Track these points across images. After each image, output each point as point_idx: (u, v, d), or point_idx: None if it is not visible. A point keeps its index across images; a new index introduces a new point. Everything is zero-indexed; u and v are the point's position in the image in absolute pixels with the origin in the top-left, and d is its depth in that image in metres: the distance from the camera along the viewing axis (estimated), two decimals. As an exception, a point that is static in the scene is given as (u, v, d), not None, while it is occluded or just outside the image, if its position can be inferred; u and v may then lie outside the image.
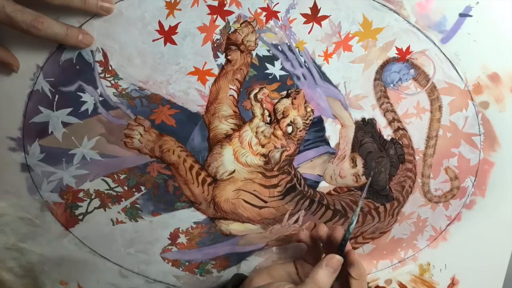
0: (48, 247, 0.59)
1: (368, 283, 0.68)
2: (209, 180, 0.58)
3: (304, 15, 0.53)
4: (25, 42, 0.49)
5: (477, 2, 0.53)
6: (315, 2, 0.52)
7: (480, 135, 0.60)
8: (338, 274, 0.52)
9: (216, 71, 0.54)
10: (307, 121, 0.57)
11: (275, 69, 0.55)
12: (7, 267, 0.60)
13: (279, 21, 0.53)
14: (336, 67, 0.55)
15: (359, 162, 0.60)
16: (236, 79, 0.55)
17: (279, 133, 0.57)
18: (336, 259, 0.52)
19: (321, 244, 0.58)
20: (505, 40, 0.56)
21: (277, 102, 0.56)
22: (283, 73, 0.55)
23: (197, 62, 0.53)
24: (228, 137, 0.57)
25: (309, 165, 0.60)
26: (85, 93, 0.52)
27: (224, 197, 0.59)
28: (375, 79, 0.57)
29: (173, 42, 0.51)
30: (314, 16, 0.53)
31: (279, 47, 0.54)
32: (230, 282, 0.55)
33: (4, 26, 0.45)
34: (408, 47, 0.55)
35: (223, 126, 0.56)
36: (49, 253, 0.60)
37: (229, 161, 0.58)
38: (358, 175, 0.61)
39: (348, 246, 0.54)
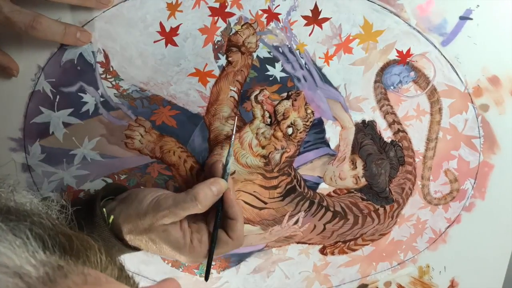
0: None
1: (367, 285, 0.68)
2: (209, 181, 0.58)
3: (305, 17, 0.53)
4: (26, 43, 0.49)
5: (478, 5, 0.53)
6: (316, 4, 0.52)
7: (480, 137, 0.60)
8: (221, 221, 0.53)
9: (217, 72, 0.54)
10: (307, 123, 0.57)
11: (275, 71, 0.55)
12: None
13: (280, 23, 0.53)
14: (336, 69, 0.56)
15: (359, 164, 0.60)
16: (237, 80, 0.55)
17: (279, 134, 0.57)
18: (222, 181, 0.52)
19: None
20: (505, 43, 0.56)
21: (278, 104, 0.56)
22: (283, 74, 0.55)
23: (198, 64, 0.53)
24: (228, 138, 0.57)
25: (309, 167, 0.60)
26: (86, 93, 0.52)
27: (224, 198, 0.59)
28: (376, 81, 0.57)
29: (174, 44, 0.51)
30: (315, 18, 0.53)
31: (279, 49, 0.54)
32: (101, 192, 0.53)
33: (3, 27, 0.45)
34: (409, 50, 0.55)
35: (224, 127, 0.57)
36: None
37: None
38: (358, 177, 0.61)
39: (228, 189, 0.53)
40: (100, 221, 0.49)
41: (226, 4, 0.51)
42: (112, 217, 0.49)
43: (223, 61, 0.53)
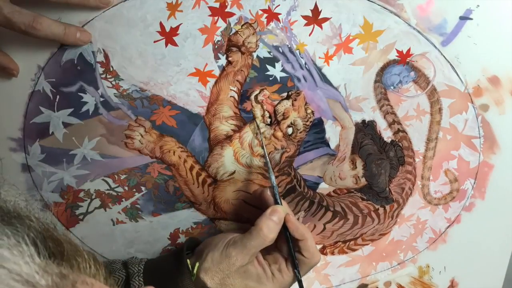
0: (48, 247, 0.60)
1: (367, 285, 0.68)
2: (209, 180, 0.58)
3: (305, 17, 0.53)
4: (26, 43, 0.49)
5: (478, 5, 0.53)
6: (316, 4, 0.52)
7: (480, 137, 0.60)
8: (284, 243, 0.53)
9: (217, 72, 0.54)
10: (307, 123, 0.57)
11: (275, 71, 0.55)
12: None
13: (280, 23, 0.53)
14: (336, 69, 0.56)
15: (359, 164, 0.60)
16: (237, 80, 0.55)
17: (279, 134, 0.57)
18: (279, 208, 0.52)
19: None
20: (505, 43, 0.56)
21: (278, 104, 0.56)
22: (283, 74, 0.55)
23: (198, 64, 0.53)
24: (228, 138, 0.57)
25: (309, 167, 0.60)
26: (86, 93, 0.52)
27: (224, 197, 0.59)
28: (376, 81, 0.57)
29: (174, 44, 0.51)
30: (315, 18, 0.53)
31: (280, 48, 0.54)
32: (185, 244, 0.55)
33: (3, 28, 0.45)
34: (409, 50, 0.55)
35: (224, 127, 0.57)
36: (49, 253, 0.60)
37: (229, 162, 0.58)
38: (358, 177, 0.61)
39: (287, 214, 0.53)
40: (186, 273, 0.50)
41: (226, 4, 0.51)
42: (197, 265, 0.51)
43: (223, 61, 0.53)
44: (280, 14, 0.52)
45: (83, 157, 0.55)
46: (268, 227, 0.51)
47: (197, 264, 0.51)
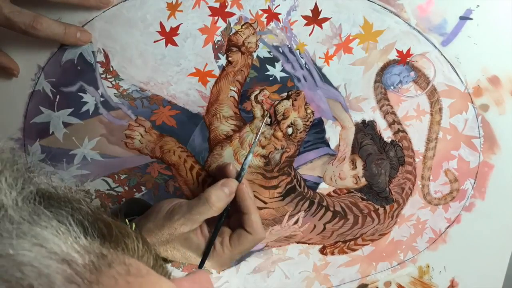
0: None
1: (367, 285, 0.68)
2: (209, 180, 0.58)
3: (305, 17, 0.53)
4: (26, 43, 0.49)
5: (478, 5, 0.53)
6: (316, 4, 0.52)
7: (480, 137, 0.60)
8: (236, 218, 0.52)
9: (217, 72, 0.54)
10: (307, 123, 0.57)
11: (275, 71, 0.55)
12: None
13: (280, 23, 0.53)
14: (336, 69, 0.56)
15: (359, 164, 0.60)
16: (237, 80, 0.55)
17: (279, 134, 0.57)
18: (232, 181, 0.51)
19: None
20: (505, 43, 0.56)
21: (278, 104, 0.56)
22: (283, 74, 0.55)
23: (198, 63, 0.53)
24: (228, 138, 0.57)
25: (309, 167, 0.60)
26: (86, 93, 0.52)
27: (224, 198, 0.59)
28: (376, 81, 0.57)
29: (174, 43, 0.51)
30: (315, 18, 0.53)
31: (280, 48, 0.54)
32: (123, 208, 0.53)
33: (3, 28, 0.45)
34: (409, 50, 0.55)
35: (224, 127, 0.57)
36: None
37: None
38: (358, 176, 0.61)
39: (242, 184, 0.53)
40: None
41: (226, 4, 0.51)
42: (134, 225, 0.49)
43: (223, 61, 0.53)
44: (280, 14, 0.52)
45: (83, 157, 0.55)
46: (217, 196, 0.49)
47: (133, 224, 0.49)
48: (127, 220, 0.50)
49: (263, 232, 0.53)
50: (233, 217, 0.54)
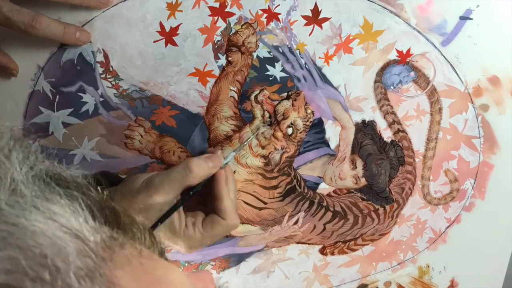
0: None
1: (367, 285, 0.68)
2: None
3: (305, 17, 0.53)
4: (25, 43, 0.49)
5: (478, 5, 0.53)
6: (316, 4, 0.52)
7: (480, 137, 0.60)
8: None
9: (216, 72, 0.54)
10: (307, 123, 0.57)
11: (275, 71, 0.55)
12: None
13: (280, 23, 0.53)
14: (336, 69, 0.55)
15: (359, 164, 0.60)
16: (237, 80, 0.55)
17: (279, 134, 0.57)
18: (217, 157, 0.50)
19: None
20: (505, 43, 0.56)
21: (278, 104, 0.56)
22: (283, 74, 0.55)
23: (198, 64, 0.53)
24: (228, 138, 0.57)
25: (309, 167, 0.60)
26: (85, 93, 0.52)
27: (224, 198, 0.59)
28: (376, 81, 0.57)
29: (174, 43, 0.51)
30: (315, 18, 0.53)
31: (279, 48, 0.54)
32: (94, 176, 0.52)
33: (3, 27, 0.45)
34: (409, 50, 0.55)
35: (224, 127, 0.56)
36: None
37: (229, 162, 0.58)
38: (358, 177, 0.61)
39: (226, 167, 0.51)
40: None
41: (226, 4, 0.51)
42: (106, 192, 0.47)
43: (223, 61, 0.53)
44: (280, 14, 0.52)
45: (83, 157, 0.55)
46: (198, 165, 0.48)
47: (105, 192, 0.46)
48: (99, 188, 0.49)
49: (237, 218, 0.51)
50: (210, 205, 0.52)
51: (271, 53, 0.54)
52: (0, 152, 0.24)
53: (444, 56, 0.56)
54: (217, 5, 0.51)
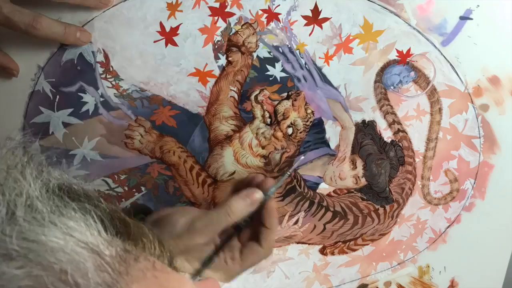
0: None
1: (367, 285, 0.68)
2: (209, 181, 0.58)
3: (305, 17, 0.53)
4: (26, 43, 0.49)
5: (478, 5, 0.53)
6: (316, 4, 0.52)
7: (480, 137, 0.60)
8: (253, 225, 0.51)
9: (217, 72, 0.54)
10: (307, 123, 0.57)
11: (275, 71, 0.55)
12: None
13: (280, 23, 0.53)
14: (336, 69, 0.56)
15: (359, 164, 0.60)
16: (237, 80, 0.55)
17: (279, 134, 0.57)
18: (256, 192, 0.49)
19: None
20: (505, 43, 0.56)
21: (278, 104, 0.56)
22: (283, 74, 0.55)
23: (198, 64, 0.53)
24: (228, 138, 0.57)
25: (309, 167, 0.60)
26: (86, 93, 0.52)
27: (225, 198, 0.59)
28: (376, 81, 0.57)
29: (174, 44, 0.51)
30: (315, 18, 0.53)
31: (280, 48, 0.54)
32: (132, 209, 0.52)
33: (3, 28, 0.45)
34: (409, 50, 0.55)
35: (224, 127, 0.57)
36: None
37: (229, 162, 0.58)
38: (358, 177, 0.61)
39: (271, 199, 0.51)
40: None
41: (226, 4, 0.51)
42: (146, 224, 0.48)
43: (223, 61, 0.53)
44: (280, 14, 0.52)
45: (83, 157, 0.55)
46: (237, 205, 0.48)
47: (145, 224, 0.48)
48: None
49: (272, 251, 0.53)
50: (245, 232, 0.52)
51: (271, 53, 0.54)
52: (14, 169, 0.24)
53: (444, 56, 0.56)
54: (217, 5, 0.51)
